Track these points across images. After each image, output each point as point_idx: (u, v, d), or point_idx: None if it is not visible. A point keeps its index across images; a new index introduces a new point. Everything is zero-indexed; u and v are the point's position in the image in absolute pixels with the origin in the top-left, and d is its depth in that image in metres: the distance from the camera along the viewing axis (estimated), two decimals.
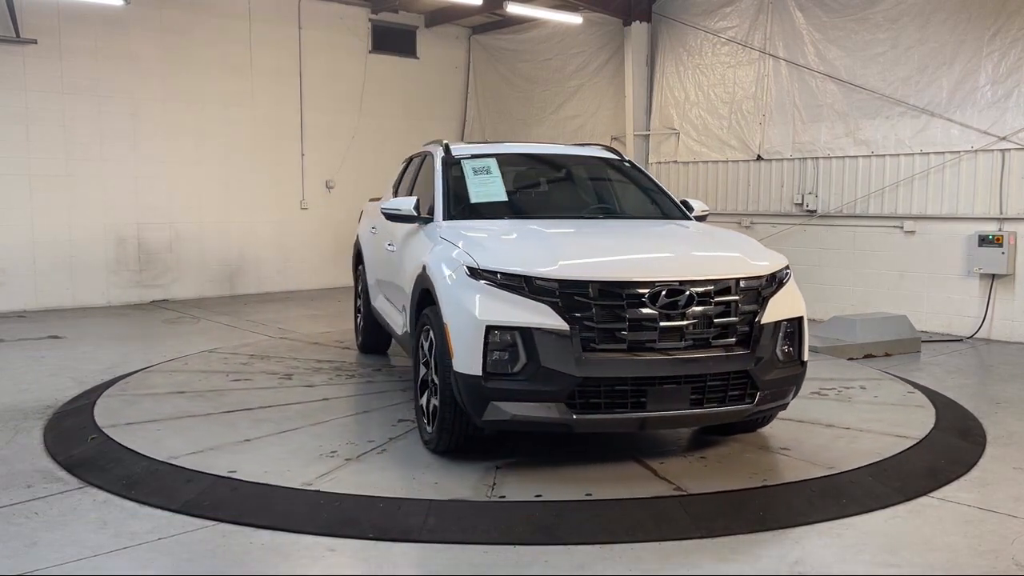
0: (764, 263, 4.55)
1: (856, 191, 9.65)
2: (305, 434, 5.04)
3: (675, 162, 11.45)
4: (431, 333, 4.60)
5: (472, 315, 4.16)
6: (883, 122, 9.33)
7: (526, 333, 4.07)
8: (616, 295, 4.14)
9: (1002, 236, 8.44)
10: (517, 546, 3.60)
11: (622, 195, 6.09)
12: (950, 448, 4.98)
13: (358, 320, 7.76)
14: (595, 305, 4.12)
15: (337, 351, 7.69)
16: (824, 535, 3.74)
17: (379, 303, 6.77)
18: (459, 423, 4.43)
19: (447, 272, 4.46)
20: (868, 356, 7.65)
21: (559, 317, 4.08)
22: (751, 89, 10.54)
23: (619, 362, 4.10)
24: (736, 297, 4.31)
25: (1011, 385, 6.73)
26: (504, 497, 4.07)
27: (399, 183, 7.10)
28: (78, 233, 10.70)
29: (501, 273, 4.22)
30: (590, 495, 4.09)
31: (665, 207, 5.81)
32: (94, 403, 5.66)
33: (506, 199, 5.55)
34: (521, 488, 4.18)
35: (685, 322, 4.20)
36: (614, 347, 4.13)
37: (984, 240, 8.56)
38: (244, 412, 5.47)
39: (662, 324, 4.16)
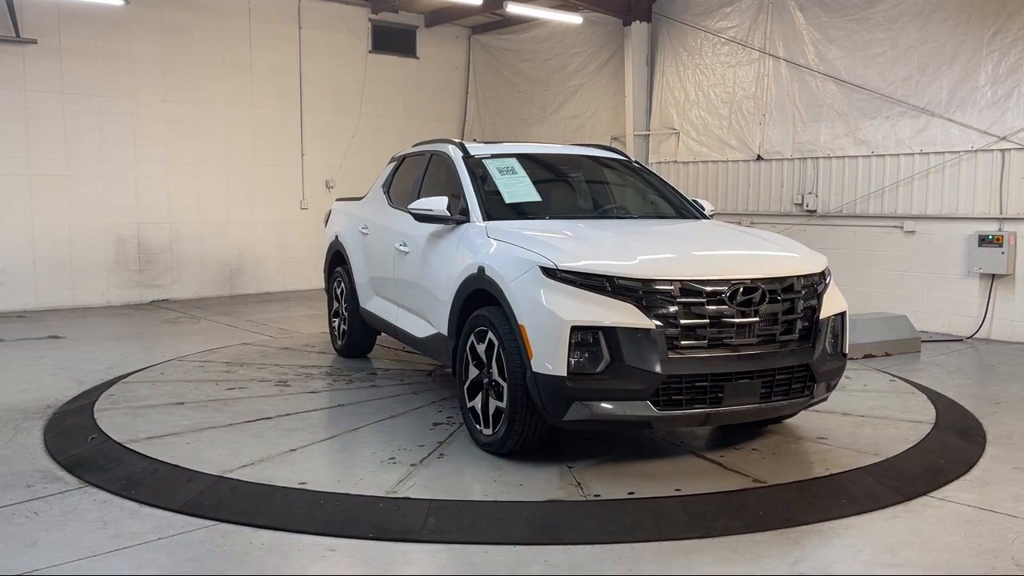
0: (818, 261, 4.79)
1: (856, 191, 9.65)
2: (348, 441, 4.91)
3: (675, 162, 11.45)
4: (490, 335, 4.57)
5: (555, 315, 4.15)
6: (883, 122, 9.34)
7: (610, 332, 4.10)
8: (697, 293, 4.23)
9: (1002, 236, 8.45)
10: (517, 546, 3.60)
11: (641, 195, 6.16)
12: (950, 448, 4.98)
13: (336, 324, 7.45)
14: (678, 303, 4.19)
15: (314, 356, 7.39)
16: (824, 535, 3.74)
17: (375, 305, 6.64)
18: (530, 424, 4.42)
19: (518, 272, 4.41)
20: (868, 356, 7.65)
21: (644, 316, 4.13)
22: (751, 89, 10.54)
23: (701, 359, 4.20)
24: (799, 293, 4.48)
25: (1011, 385, 6.73)
26: (599, 496, 4.07)
27: (390, 183, 6.91)
28: (78, 233, 10.70)
29: (582, 273, 4.23)
30: (679, 490, 4.15)
31: (682, 207, 5.95)
32: (94, 403, 5.65)
33: (539, 199, 5.60)
34: (610, 486, 4.19)
35: (758, 319, 4.32)
36: (695, 344, 4.21)
37: (984, 240, 8.56)
38: (265, 421, 5.26)
39: (738, 321, 4.26)
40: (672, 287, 4.19)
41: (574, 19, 11.84)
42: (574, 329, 4.10)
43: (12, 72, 10.12)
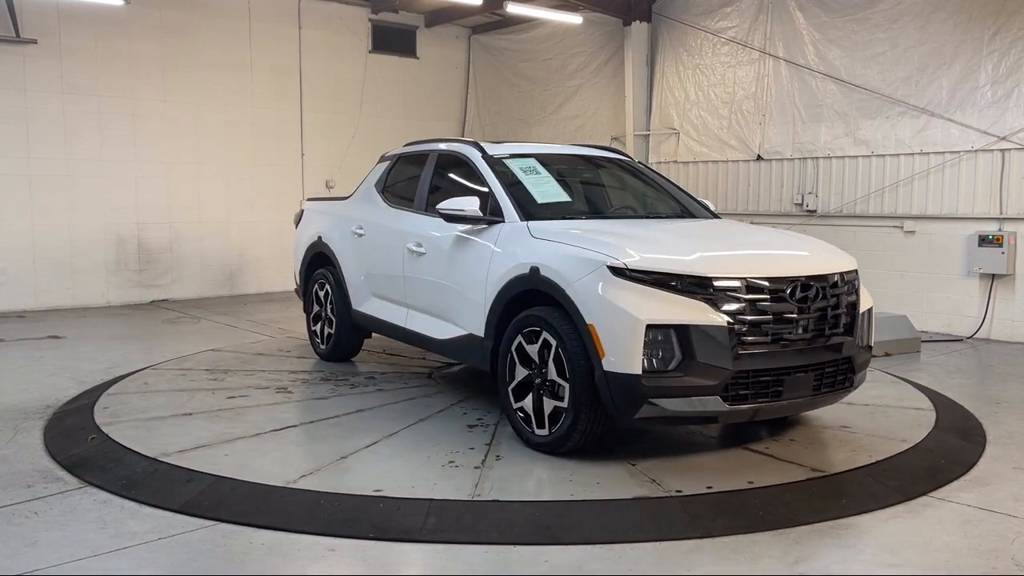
0: (851, 258, 4.96)
1: (856, 191, 9.65)
2: (394, 446, 4.78)
3: (675, 162, 11.45)
4: (544, 335, 4.57)
5: (629, 315, 4.18)
6: (883, 122, 9.34)
7: (683, 330, 4.17)
8: (761, 290, 4.34)
9: (1002, 236, 8.45)
10: (517, 546, 3.60)
11: (656, 195, 6.20)
12: (950, 448, 4.98)
13: (317, 328, 7.21)
14: (745, 300, 4.29)
15: (296, 361, 7.14)
16: (824, 535, 3.74)
17: (373, 307, 6.50)
18: (594, 423, 4.45)
19: (583, 272, 4.41)
20: None
21: (715, 313, 4.22)
22: (751, 89, 10.54)
23: (765, 354, 4.32)
24: (843, 289, 4.67)
25: (1011, 385, 6.73)
26: (681, 491, 4.12)
27: (384, 183, 6.76)
28: (78, 233, 10.70)
29: (652, 271, 4.28)
30: (752, 483, 4.23)
31: (695, 207, 6.06)
32: (94, 403, 5.65)
33: (569, 199, 5.64)
34: (685, 481, 4.25)
35: (812, 314, 4.46)
36: (759, 340, 4.31)
37: (984, 240, 8.56)
38: (292, 429, 5.11)
39: (796, 317, 4.41)
40: (739, 284, 4.30)
41: (574, 19, 11.84)
42: (649, 328, 4.15)
43: (12, 72, 10.12)
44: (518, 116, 13.56)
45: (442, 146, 6.32)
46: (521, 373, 4.78)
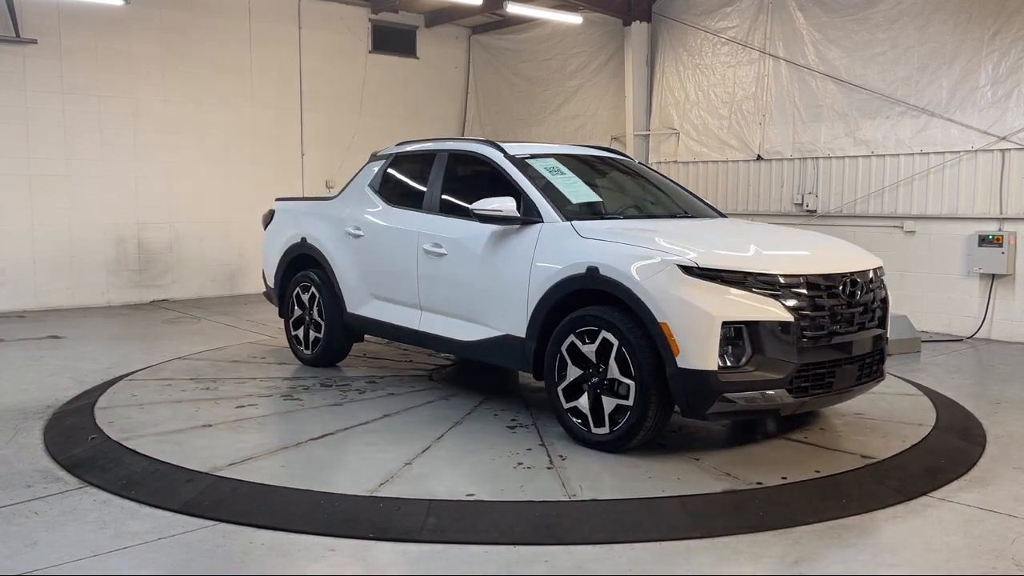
0: (877, 256, 5.22)
1: (856, 191, 9.65)
2: (452, 450, 4.72)
3: (675, 162, 11.45)
4: (604, 334, 4.59)
5: (704, 312, 4.28)
6: (883, 122, 9.34)
7: (754, 326, 4.32)
8: (818, 286, 4.55)
9: (1002, 236, 8.45)
10: (517, 546, 3.60)
11: (669, 196, 6.25)
12: (950, 448, 4.98)
13: (300, 333, 6.97)
14: (807, 296, 4.48)
15: (279, 368, 6.87)
16: (824, 535, 3.74)
17: (374, 310, 6.35)
18: (659, 420, 4.56)
19: (652, 271, 4.46)
20: None
21: (783, 309, 4.37)
22: (751, 89, 10.54)
23: (823, 347, 4.52)
24: (878, 284, 5.00)
25: (1011, 385, 6.73)
26: (761, 483, 4.22)
27: (380, 183, 6.57)
28: (78, 233, 10.70)
29: (723, 269, 4.40)
30: (819, 472, 4.40)
31: (704, 207, 6.19)
32: (94, 403, 5.65)
33: (599, 199, 5.70)
34: (758, 473, 4.36)
35: (857, 308, 4.71)
36: (818, 334, 4.51)
37: (984, 240, 8.56)
38: (331, 437, 4.96)
39: (847, 311, 4.65)
40: (800, 281, 4.48)
41: (574, 19, 11.84)
42: (723, 324, 4.28)
43: (12, 72, 10.12)
44: (518, 116, 13.56)
45: (452, 145, 6.23)
46: (574, 373, 4.78)
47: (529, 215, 5.24)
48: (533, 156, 5.79)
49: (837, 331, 4.59)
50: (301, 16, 12.35)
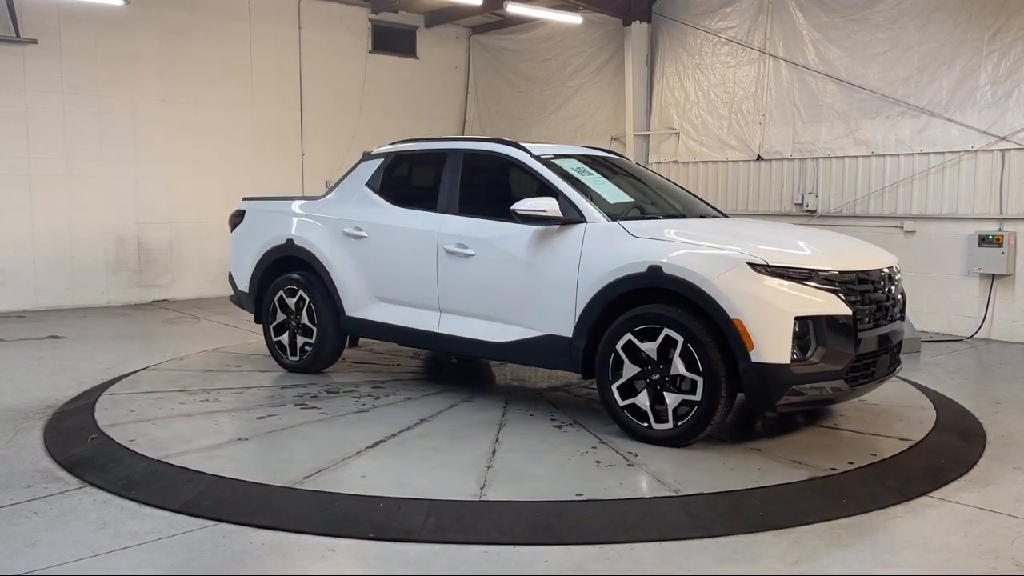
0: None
1: (856, 191, 9.65)
2: (517, 451, 4.69)
3: (675, 162, 11.45)
4: (666, 331, 4.68)
5: (779, 308, 4.49)
6: (883, 122, 9.34)
7: (819, 320, 4.54)
8: (866, 281, 4.84)
9: (1002, 236, 8.45)
10: (517, 546, 3.60)
11: (680, 196, 6.33)
12: (950, 448, 4.98)
13: (284, 339, 6.66)
14: (858, 291, 4.75)
15: (263, 375, 6.56)
16: (824, 535, 3.74)
17: (381, 313, 6.16)
18: (725, 413, 4.69)
19: (722, 269, 4.59)
20: None
21: (843, 304, 4.62)
22: (751, 89, 10.54)
23: (870, 339, 4.79)
24: (899, 278, 5.30)
25: (1011, 385, 6.73)
26: (835, 469, 4.42)
27: (380, 182, 6.38)
28: (78, 233, 10.70)
29: (791, 267, 4.61)
30: (875, 456, 4.69)
31: (707, 209, 6.29)
32: (94, 403, 5.64)
33: (631, 199, 5.79)
34: (831, 460, 4.57)
35: (890, 301, 5.04)
36: (866, 326, 4.78)
37: (984, 240, 8.56)
38: (384, 445, 4.79)
39: (886, 304, 4.98)
40: (853, 276, 4.76)
41: (574, 19, 11.84)
42: (797, 319, 4.48)
43: (12, 72, 10.12)
44: (518, 116, 13.56)
45: (467, 145, 6.12)
46: (631, 371, 4.85)
47: (568, 215, 5.24)
48: (557, 156, 5.79)
49: (879, 323, 4.90)
50: (301, 16, 12.35)
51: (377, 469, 4.41)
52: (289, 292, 6.66)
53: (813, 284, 4.59)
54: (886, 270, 5.06)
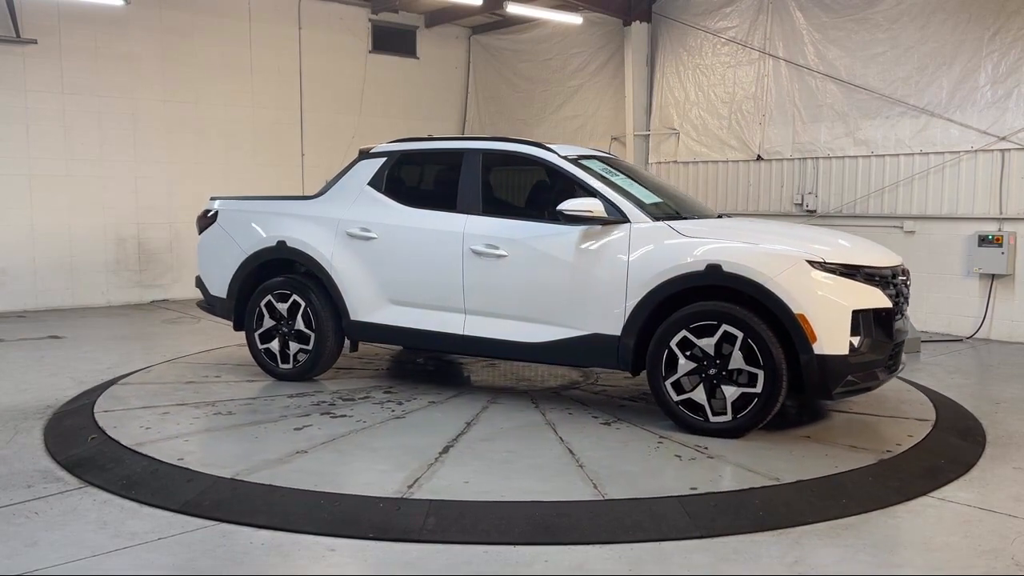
0: None
1: (856, 191, 9.65)
2: (592, 448, 4.70)
3: (675, 162, 11.45)
4: (724, 327, 4.83)
5: (838, 303, 4.77)
6: (883, 122, 9.34)
7: (868, 313, 4.86)
8: (896, 276, 5.18)
9: (1002, 236, 8.45)
10: (517, 546, 3.60)
11: (681, 196, 6.41)
12: (950, 448, 4.98)
13: (273, 346, 6.31)
14: (893, 286, 5.11)
15: (252, 385, 6.21)
16: (824, 535, 3.74)
17: (394, 316, 5.94)
18: (776, 404, 4.85)
19: (784, 267, 4.81)
20: None
21: (886, 297, 4.97)
22: (751, 89, 10.54)
23: (898, 331, 5.12)
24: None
25: (1011, 385, 6.73)
26: (890, 452, 4.72)
27: (384, 182, 6.16)
28: (78, 233, 10.70)
29: (845, 264, 4.90)
30: (911, 436, 5.05)
31: (708, 209, 6.43)
32: (94, 403, 5.64)
33: (660, 199, 5.82)
34: (878, 444, 4.88)
35: (903, 297, 5.34)
36: (897, 319, 5.12)
37: (984, 240, 8.56)
38: (451, 452, 4.65)
39: (906, 297, 5.39)
40: (888, 273, 5.10)
41: (574, 19, 11.84)
42: (854, 313, 4.77)
43: (12, 72, 10.12)
44: (518, 116, 13.56)
45: (486, 145, 5.99)
46: (686, 367, 4.97)
47: (612, 215, 5.30)
48: (581, 157, 5.81)
49: (900, 316, 5.20)
50: (301, 16, 12.35)
51: (472, 474, 4.29)
52: (280, 297, 6.27)
53: (860, 279, 4.89)
54: (904, 267, 5.41)
